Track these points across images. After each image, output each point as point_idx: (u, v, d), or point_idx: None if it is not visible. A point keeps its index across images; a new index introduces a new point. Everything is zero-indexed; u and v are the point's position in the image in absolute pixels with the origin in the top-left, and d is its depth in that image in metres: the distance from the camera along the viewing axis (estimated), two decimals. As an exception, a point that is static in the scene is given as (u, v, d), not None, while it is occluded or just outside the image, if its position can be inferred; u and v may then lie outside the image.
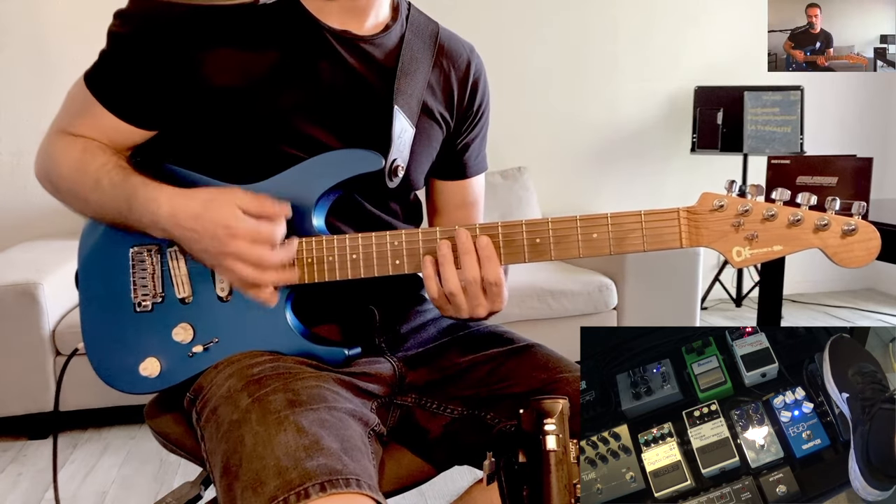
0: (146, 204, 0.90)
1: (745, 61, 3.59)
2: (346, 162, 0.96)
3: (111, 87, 0.96)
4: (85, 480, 2.10)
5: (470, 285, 0.90)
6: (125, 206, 0.92)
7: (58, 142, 0.99)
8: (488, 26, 3.38)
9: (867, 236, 0.84)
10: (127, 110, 0.96)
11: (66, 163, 0.97)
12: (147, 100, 0.95)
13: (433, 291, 0.92)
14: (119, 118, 0.96)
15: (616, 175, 3.69)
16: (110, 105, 0.96)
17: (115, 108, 0.96)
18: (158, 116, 0.97)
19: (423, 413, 1.03)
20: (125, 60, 0.94)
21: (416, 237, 0.93)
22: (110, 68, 0.95)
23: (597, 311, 2.72)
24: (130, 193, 0.91)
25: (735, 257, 0.87)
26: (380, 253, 0.93)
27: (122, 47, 0.94)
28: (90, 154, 0.96)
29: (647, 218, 0.89)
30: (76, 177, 0.96)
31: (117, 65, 0.95)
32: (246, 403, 0.85)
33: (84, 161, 0.96)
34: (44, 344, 2.25)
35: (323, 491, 0.73)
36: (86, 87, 0.96)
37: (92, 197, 0.95)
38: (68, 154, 0.97)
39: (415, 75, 1.02)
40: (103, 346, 1.00)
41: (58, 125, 1.01)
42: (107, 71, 0.96)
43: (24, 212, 2.94)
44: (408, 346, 1.07)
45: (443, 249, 0.90)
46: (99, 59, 0.96)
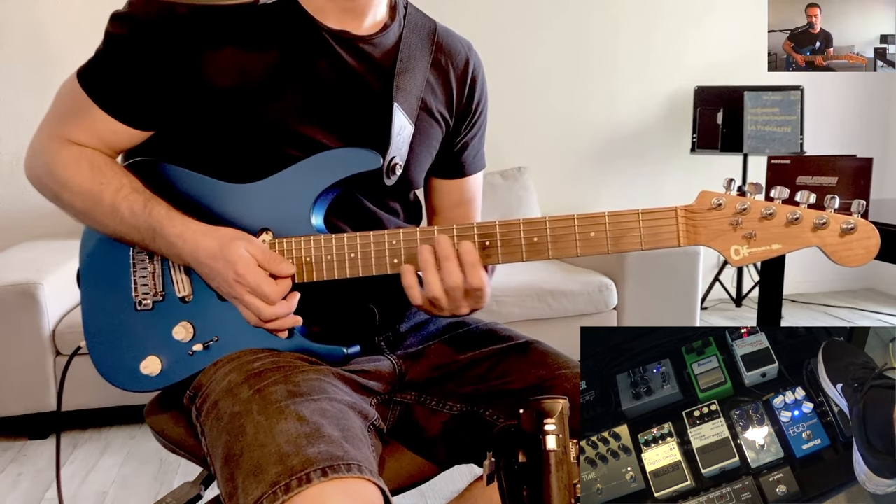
0: (171, 238, 0.93)
1: (745, 61, 3.59)
2: (344, 160, 0.96)
3: (106, 86, 0.95)
4: (85, 480, 2.10)
5: (451, 290, 0.90)
6: (148, 236, 0.94)
7: (58, 153, 0.97)
8: (489, 26, 3.38)
9: (866, 234, 0.83)
10: (122, 110, 0.95)
11: (77, 183, 0.96)
12: (143, 100, 0.95)
13: (416, 300, 0.93)
14: (114, 119, 0.96)
15: (616, 175, 3.69)
16: (105, 105, 0.95)
17: (110, 107, 0.95)
18: (154, 117, 0.97)
19: (422, 410, 1.03)
20: (122, 60, 0.94)
21: (414, 236, 0.93)
22: (106, 67, 0.95)
23: (597, 311, 2.71)
24: (155, 226, 0.93)
25: (733, 256, 0.86)
26: (378, 252, 0.93)
27: (119, 48, 0.94)
28: (100, 173, 0.95)
29: (644, 217, 0.88)
30: (90, 201, 0.95)
31: (113, 64, 0.94)
32: (247, 395, 0.85)
33: (96, 182, 0.95)
34: (44, 344, 2.25)
35: (324, 476, 0.73)
36: (79, 86, 0.95)
37: (109, 222, 0.95)
38: (77, 174, 0.96)
39: (413, 73, 1.02)
40: (105, 345, 1.00)
41: (50, 127, 0.99)
42: (102, 70, 0.95)
43: (24, 212, 2.94)
44: (407, 343, 1.08)
45: (423, 255, 0.91)
46: (94, 58, 0.96)
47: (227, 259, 0.90)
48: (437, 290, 0.90)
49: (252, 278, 0.90)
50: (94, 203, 0.95)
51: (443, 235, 0.91)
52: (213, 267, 0.91)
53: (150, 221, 0.93)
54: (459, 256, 0.90)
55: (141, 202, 0.94)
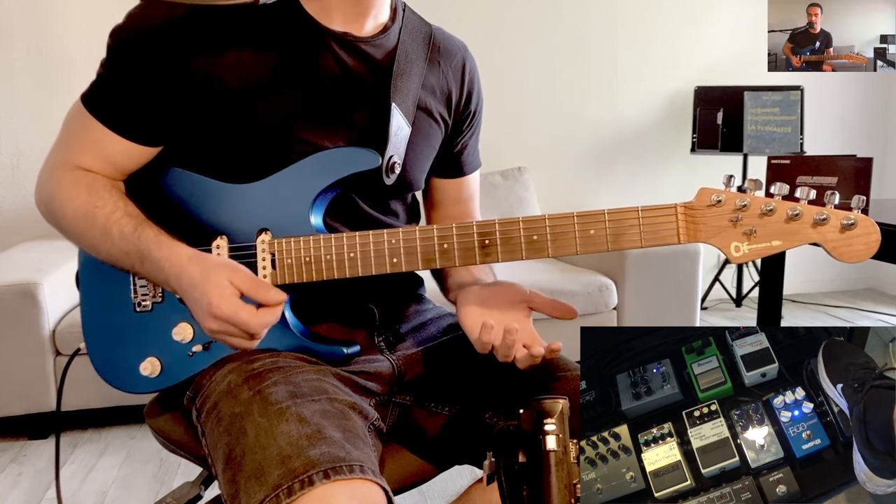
0: (158, 262, 0.90)
1: (745, 61, 3.59)
2: (342, 160, 0.96)
3: (112, 105, 0.94)
4: (85, 480, 2.10)
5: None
6: (137, 260, 0.92)
7: (62, 179, 0.96)
8: (489, 26, 3.38)
9: (866, 230, 0.82)
10: (129, 128, 0.94)
11: (73, 207, 0.95)
12: (150, 115, 0.94)
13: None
14: (122, 137, 0.94)
15: (616, 175, 3.69)
16: (112, 124, 0.94)
17: (117, 126, 0.94)
18: (162, 131, 0.96)
19: (421, 412, 1.03)
20: (125, 77, 0.93)
21: (413, 235, 0.93)
22: (110, 87, 0.94)
23: (597, 311, 2.71)
24: (144, 250, 0.91)
25: (733, 252, 0.86)
26: (377, 251, 0.93)
27: (121, 64, 0.93)
28: (96, 197, 0.94)
29: (644, 214, 0.88)
30: (83, 224, 0.95)
31: (117, 82, 0.93)
32: (247, 396, 0.85)
33: (90, 205, 0.94)
34: (44, 344, 2.25)
35: (327, 478, 0.73)
36: (84, 110, 0.95)
37: (101, 246, 0.94)
38: (74, 198, 0.95)
39: (410, 75, 1.02)
40: (104, 346, 1.00)
41: (58, 155, 0.98)
42: (106, 90, 0.94)
43: (24, 212, 2.93)
44: (407, 344, 1.08)
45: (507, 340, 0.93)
46: (97, 79, 0.95)
47: (203, 288, 0.86)
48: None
49: (227, 307, 0.85)
50: (87, 226, 0.94)
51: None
52: (191, 296, 0.88)
53: (138, 245, 0.91)
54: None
55: (132, 225, 0.92)
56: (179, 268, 0.89)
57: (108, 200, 0.94)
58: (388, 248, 0.93)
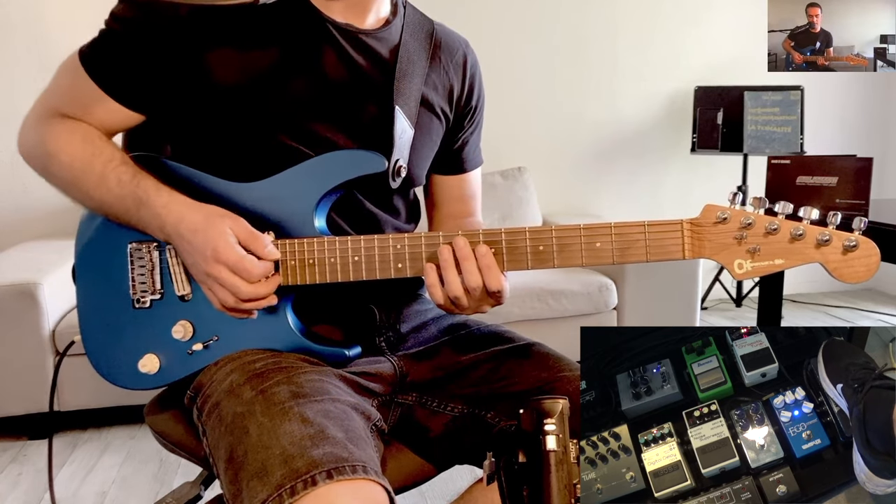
0: (156, 208, 0.91)
1: (745, 61, 3.59)
2: (350, 163, 0.96)
3: (106, 65, 0.95)
4: (85, 480, 2.10)
5: (473, 291, 0.90)
6: (133, 206, 0.92)
7: (55, 126, 0.98)
8: (489, 26, 3.38)
9: (867, 252, 0.84)
10: (120, 90, 0.95)
11: (68, 153, 0.96)
12: (141, 82, 0.95)
13: (438, 298, 0.92)
14: (111, 98, 0.96)
15: (616, 175, 3.68)
16: (104, 83, 0.95)
17: (108, 86, 0.95)
18: (150, 100, 0.97)
19: (423, 412, 1.03)
20: (124, 42, 0.94)
21: (418, 241, 0.93)
22: (108, 47, 0.95)
23: (597, 311, 2.71)
24: (142, 195, 0.92)
25: (737, 269, 0.88)
26: (382, 256, 0.93)
27: (123, 29, 0.94)
28: (92, 145, 0.96)
29: (650, 229, 0.89)
30: (79, 170, 0.95)
31: (115, 45, 0.94)
32: (250, 396, 0.85)
33: (87, 152, 0.95)
34: (44, 344, 2.25)
35: (329, 478, 0.73)
36: (79, 65, 0.96)
37: (95, 192, 0.95)
38: (69, 144, 0.96)
39: (412, 76, 1.03)
40: (101, 342, 1.00)
41: (47, 102, 1.00)
42: (103, 49, 0.95)
43: (24, 212, 2.93)
44: (408, 345, 1.08)
45: (444, 254, 0.90)
46: (97, 37, 0.96)
47: (207, 234, 0.88)
48: (458, 289, 0.90)
49: (233, 254, 0.88)
50: (83, 172, 0.95)
51: (460, 237, 0.91)
52: (192, 242, 0.89)
53: (136, 191, 0.92)
54: (477, 259, 0.90)
55: (130, 173, 0.93)
56: (179, 214, 0.90)
57: (105, 149, 0.96)
58: (392, 253, 0.93)
